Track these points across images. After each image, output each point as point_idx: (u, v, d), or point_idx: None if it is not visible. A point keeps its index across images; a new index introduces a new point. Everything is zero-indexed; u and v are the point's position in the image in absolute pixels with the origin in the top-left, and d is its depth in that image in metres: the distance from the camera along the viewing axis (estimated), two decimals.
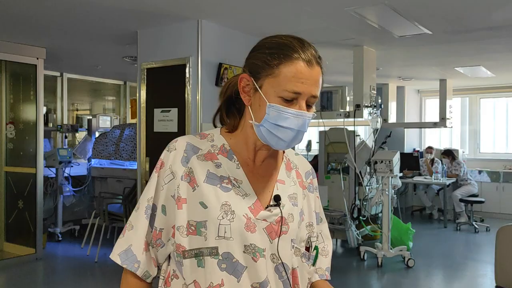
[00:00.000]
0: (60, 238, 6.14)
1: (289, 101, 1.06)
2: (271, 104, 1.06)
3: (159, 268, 1.20)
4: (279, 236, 1.12)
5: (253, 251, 1.09)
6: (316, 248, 1.26)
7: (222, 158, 1.16)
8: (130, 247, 1.15)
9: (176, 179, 1.13)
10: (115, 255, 1.16)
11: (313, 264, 1.25)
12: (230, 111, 1.21)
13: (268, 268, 1.11)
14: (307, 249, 1.22)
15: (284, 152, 1.26)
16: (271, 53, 1.08)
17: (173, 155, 1.16)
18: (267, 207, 1.14)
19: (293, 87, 1.05)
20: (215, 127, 1.24)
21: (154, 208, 1.16)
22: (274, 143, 1.10)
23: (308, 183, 1.28)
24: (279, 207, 1.14)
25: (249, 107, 1.13)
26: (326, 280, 1.30)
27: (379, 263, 5.15)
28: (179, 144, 1.17)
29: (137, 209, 1.18)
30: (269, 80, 1.07)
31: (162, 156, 1.18)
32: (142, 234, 1.16)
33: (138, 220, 1.17)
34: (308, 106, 1.09)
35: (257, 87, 1.09)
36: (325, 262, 1.31)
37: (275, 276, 1.12)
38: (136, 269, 1.15)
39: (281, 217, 1.14)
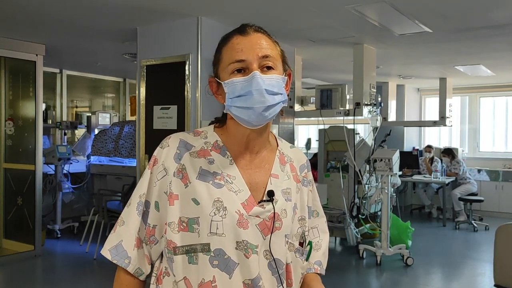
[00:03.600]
0: (59, 235, 6.14)
1: (242, 73, 1.09)
2: (225, 82, 1.10)
3: (152, 265, 1.19)
4: (272, 232, 1.12)
5: (245, 247, 1.09)
6: (310, 243, 1.25)
7: (215, 155, 1.16)
8: (120, 242, 1.15)
9: (169, 176, 1.14)
10: (106, 251, 1.16)
11: (307, 260, 1.25)
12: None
13: (261, 264, 1.11)
14: (301, 244, 1.21)
15: (278, 145, 1.25)
16: (217, 46, 1.17)
17: (166, 151, 1.16)
18: (260, 203, 1.13)
19: (234, 56, 1.10)
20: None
21: (147, 204, 1.16)
22: (246, 116, 1.08)
23: (302, 177, 1.27)
24: (272, 203, 1.13)
25: (224, 103, 1.15)
26: (317, 274, 1.28)
27: (378, 262, 5.16)
28: (172, 140, 1.18)
29: (129, 205, 1.18)
30: (220, 67, 1.14)
31: (155, 153, 1.18)
32: (133, 230, 1.15)
33: (129, 216, 1.16)
34: (268, 69, 1.10)
35: (218, 80, 1.14)
36: (315, 256, 1.29)
37: (268, 273, 1.12)
38: (126, 265, 1.14)
39: (274, 213, 1.13)
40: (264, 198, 1.14)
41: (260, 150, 1.19)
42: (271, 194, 1.14)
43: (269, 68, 1.10)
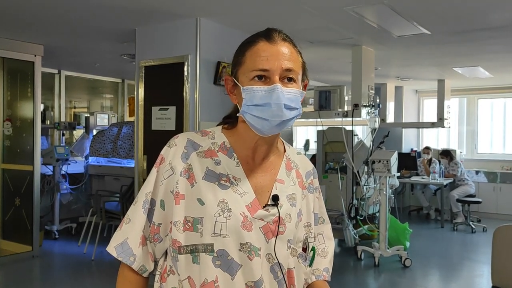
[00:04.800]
0: (57, 236, 6.13)
1: (262, 81, 1.08)
2: (244, 87, 1.09)
3: (156, 263, 1.20)
4: (276, 236, 1.12)
5: (248, 249, 1.09)
6: (313, 248, 1.25)
7: (222, 156, 1.16)
8: (126, 240, 1.16)
9: (175, 175, 1.14)
10: (111, 248, 1.16)
11: (310, 265, 1.25)
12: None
13: (263, 267, 1.11)
14: (304, 249, 1.21)
15: (285, 151, 1.26)
16: (240, 47, 1.16)
17: (173, 150, 1.16)
18: (264, 207, 1.14)
19: (259, 65, 1.08)
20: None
21: (153, 202, 1.16)
22: (260, 125, 1.09)
23: (308, 183, 1.27)
24: (277, 207, 1.14)
25: (237, 104, 1.15)
26: (325, 281, 1.28)
27: (376, 263, 5.16)
28: (180, 140, 1.18)
29: (135, 203, 1.18)
30: (241, 69, 1.12)
31: (162, 152, 1.19)
32: (138, 227, 1.16)
33: (135, 214, 1.17)
34: (289, 81, 1.10)
35: (235, 81, 1.13)
36: (323, 263, 1.30)
37: (270, 276, 1.12)
38: (131, 262, 1.15)
39: (278, 217, 1.13)
40: (269, 202, 1.15)
41: (267, 155, 1.20)
42: (275, 198, 1.15)
43: (289, 80, 1.10)
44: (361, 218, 5.73)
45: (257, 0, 3.67)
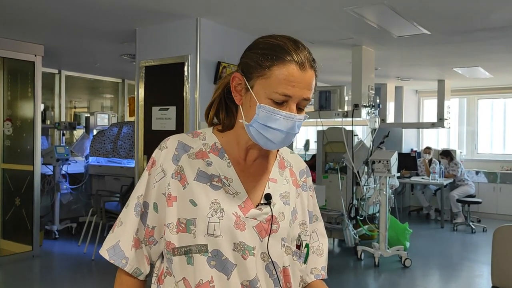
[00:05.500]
0: (57, 236, 6.13)
1: (280, 103, 1.06)
2: (261, 105, 1.06)
3: (152, 266, 1.20)
4: (269, 234, 1.13)
5: (242, 249, 1.10)
6: (307, 245, 1.25)
7: (213, 157, 1.16)
8: (118, 243, 1.16)
9: (167, 177, 1.14)
10: (104, 251, 1.17)
11: (305, 262, 1.25)
12: (223, 110, 1.21)
13: (258, 266, 1.11)
14: (298, 247, 1.22)
15: (278, 150, 1.26)
16: (264, 53, 1.07)
17: (164, 153, 1.16)
18: (257, 206, 1.14)
19: (284, 90, 1.04)
20: (209, 124, 1.24)
21: (146, 205, 1.16)
22: (263, 143, 1.09)
23: (302, 182, 1.28)
24: (270, 206, 1.14)
25: (240, 106, 1.13)
26: (322, 279, 1.29)
27: (376, 263, 5.16)
28: (171, 142, 1.18)
29: (127, 206, 1.19)
30: (261, 81, 1.06)
31: (153, 155, 1.19)
32: (130, 230, 1.16)
33: (127, 217, 1.17)
34: (300, 109, 1.09)
35: (249, 87, 1.09)
36: (320, 261, 1.30)
37: (265, 275, 1.13)
38: (124, 265, 1.15)
39: (271, 215, 1.14)
40: (262, 202, 1.15)
41: (260, 156, 1.20)
42: (268, 197, 1.15)
43: (300, 109, 1.09)
44: (361, 218, 5.73)
45: (257, 0, 3.68)
